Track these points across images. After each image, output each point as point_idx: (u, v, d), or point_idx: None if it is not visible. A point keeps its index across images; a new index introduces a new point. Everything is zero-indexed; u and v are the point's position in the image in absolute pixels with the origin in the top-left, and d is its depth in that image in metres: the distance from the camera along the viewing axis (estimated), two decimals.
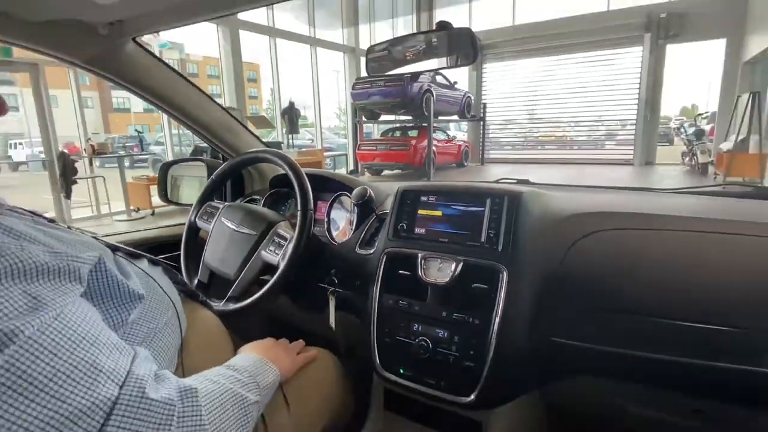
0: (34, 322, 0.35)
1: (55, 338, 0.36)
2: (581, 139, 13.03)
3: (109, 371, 0.39)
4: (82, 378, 0.37)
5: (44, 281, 0.39)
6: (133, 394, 0.40)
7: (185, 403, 0.45)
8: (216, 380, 0.55)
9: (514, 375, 0.79)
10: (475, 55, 0.97)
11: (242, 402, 0.55)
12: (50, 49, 1.01)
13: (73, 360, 0.37)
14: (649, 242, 0.80)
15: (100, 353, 0.40)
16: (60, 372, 0.35)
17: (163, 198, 1.52)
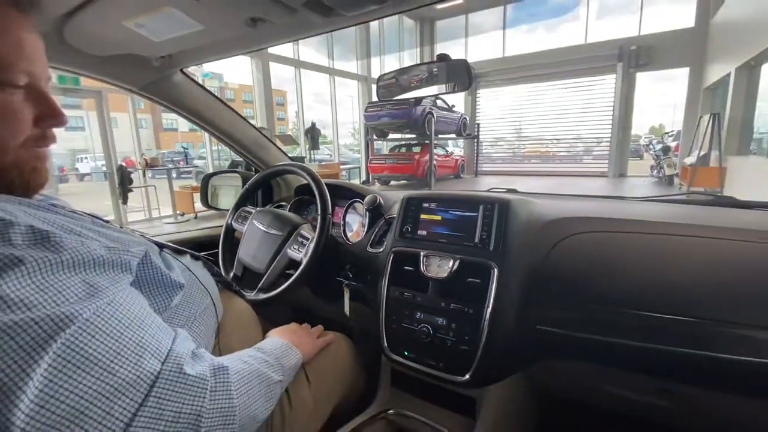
0: (91, 306, 0.35)
1: (108, 321, 0.36)
2: (562, 154, 12.91)
3: (152, 349, 0.39)
4: (129, 355, 0.37)
5: (100, 272, 0.39)
6: (173, 370, 0.40)
7: (217, 379, 0.44)
8: (246, 360, 0.54)
9: (503, 357, 0.78)
10: (470, 82, 0.97)
11: (267, 381, 0.54)
12: (112, 78, 1.03)
13: (122, 339, 0.37)
14: (621, 243, 0.79)
15: (145, 334, 0.39)
16: (111, 349, 0.35)
17: (205, 204, 1.54)
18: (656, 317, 0.66)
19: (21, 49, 0.41)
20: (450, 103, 11.25)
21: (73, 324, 0.33)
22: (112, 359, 0.35)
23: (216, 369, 0.45)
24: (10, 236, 0.33)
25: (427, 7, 0.71)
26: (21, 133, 0.42)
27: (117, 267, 0.41)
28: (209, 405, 0.41)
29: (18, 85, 0.41)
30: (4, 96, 0.40)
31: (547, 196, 1.17)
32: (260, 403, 0.50)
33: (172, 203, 6.39)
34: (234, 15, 0.73)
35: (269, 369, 0.56)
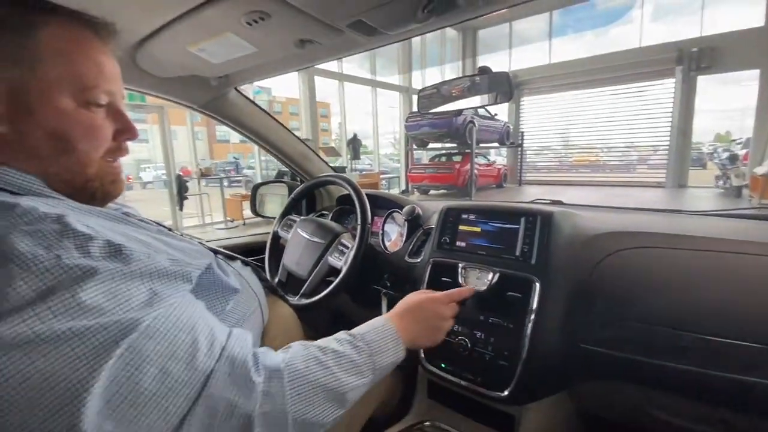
0: (153, 313, 0.38)
1: (165, 325, 0.38)
2: (614, 163, 12.17)
3: (205, 350, 0.40)
4: (183, 356, 0.38)
5: (163, 281, 0.41)
6: (224, 370, 0.40)
7: (271, 383, 0.43)
8: (319, 360, 0.48)
9: (544, 375, 0.76)
10: (511, 94, 0.96)
11: (338, 388, 0.48)
12: (176, 97, 1.13)
13: (177, 342, 0.38)
14: (675, 261, 0.73)
15: (199, 335, 0.40)
16: (166, 351, 0.37)
17: (253, 212, 1.62)
18: (715, 341, 0.61)
19: (102, 72, 0.46)
20: (493, 112, 11.06)
21: (136, 329, 0.35)
22: (166, 361, 0.36)
23: (271, 372, 0.43)
24: (89, 249, 0.36)
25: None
26: (102, 146, 0.48)
27: (179, 278, 0.44)
28: (259, 409, 0.40)
29: (100, 104, 0.46)
30: (89, 114, 0.45)
31: (594, 208, 1.12)
32: (323, 410, 0.46)
33: (223, 210, 6.76)
34: (284, 38, 0.78)
35: (345, 372, 0.50)
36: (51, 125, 0.43)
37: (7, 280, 0.31)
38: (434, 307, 0.67)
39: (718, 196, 8.61)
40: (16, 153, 0.42)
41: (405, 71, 12.02)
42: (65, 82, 0.43)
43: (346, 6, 0.67)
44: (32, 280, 0.32)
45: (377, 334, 0.57)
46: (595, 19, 16.75)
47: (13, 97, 0.41)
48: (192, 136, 7.53)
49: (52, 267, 0.33)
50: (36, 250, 0.33)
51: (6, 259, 0.32)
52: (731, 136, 12.87)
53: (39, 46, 0.42)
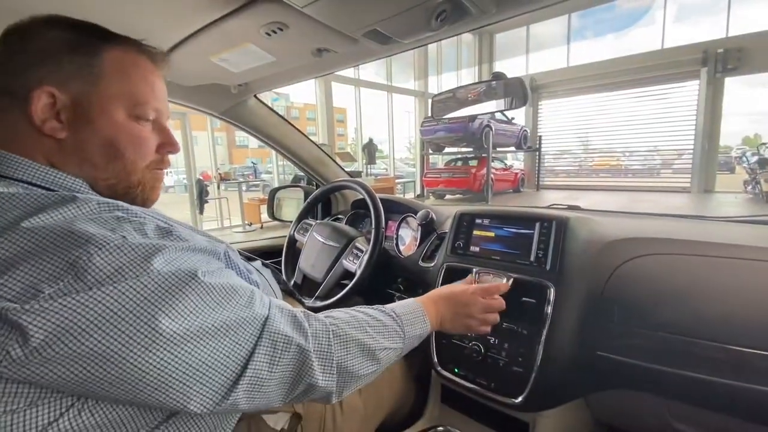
0: (210, 274, 0.43)
1: (224, 282, 0.44)
2: (636, 167, 11.82)
3: (259, 301, 0.46)
4: (244, 302, 0.44)
5: (207, 255, 0.47)
6: (277, 316, 0.47)
7: (318, 329, 0.50)
8: (359, 320, 0.56)
9: (560, 382, 0.75)
10: (526, 99, 0.96)
11: (372, 346, 0.55)
12: (198, 105, 1.17)
13: (238, 292, 0.44)
14: (697, 268, 0.72)
15: (254, 293, 0.47)
16: (229, 299, 0.43)
17: (270, 215, 1.65)
18: (737, 350, 0.60)
19: (153, 92, 0.52)
20: (510, 116, 10.95)
21: (203, 277, 0.41)
22: (232, 305, 0.43)
23: (317, 320, 0.51)
24: (146, 231, 0.42)
25: None
26: (148, 156, 0.53)
27: (214, 255, 0.50)
28: (311, 345, 0.47)
29: (148, 119, 0.52)
30: (140, 127, 0.51)
31: (613, 213, 1.11)
32: (359, 362, 0.53)
33: (241, 214, 6.89)
34: (302, 47, 0.80)
35: (378, 333, 0.56)
36: (105, 134, 0.48)
37: (88, 257, 0.36)
38: (466, 298, 0.70)
39: (746, 202, 8.27)
40: (71, 157, 0.47)
41: (421, 76, 12.05)
42: (121, 97, 0.49)
43: (361, 16, 0.68)
44: (108, 257, 0.37)
45: (406, 308, 0.64)
46: (616, 21, 16.42)
47: (75, 107, 0.46)
48: (212, 141, 7.72)
49: (121, 245, 0.38)
50: (104, 232, 0.38)
51: (82, 241, 0.36)
52: (760, 139, 12.35)
53: (102, 66, 0.47)
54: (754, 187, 8.25)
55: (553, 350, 0.73)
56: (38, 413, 0.36)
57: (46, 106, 0.44)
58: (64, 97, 0.45)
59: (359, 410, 0.73)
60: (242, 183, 7.49)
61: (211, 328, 0.40)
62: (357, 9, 0.66)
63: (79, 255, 0.35)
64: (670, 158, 11.14)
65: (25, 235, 0.35)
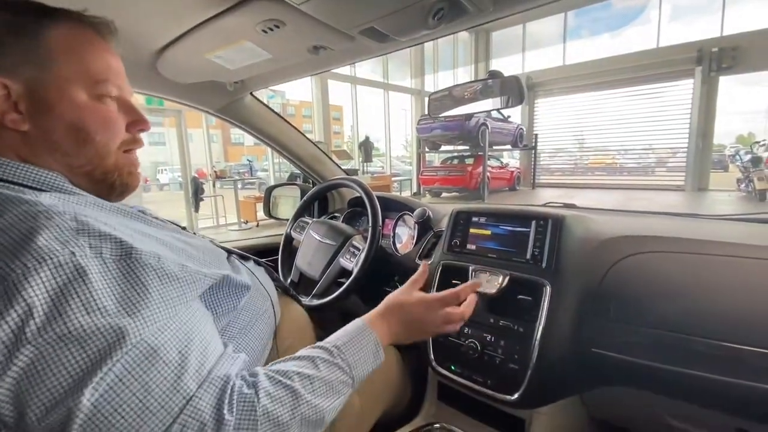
0: (149, 325, 0.38)
1: (161, 338, 0.38)
2: (631, 165, 11.90)
3: (192, 372, 0.39)
4: (169, 376, 0.37)
5: (170, 286, 0.42)
6: (204, 397, 0.39)
7: (242, 416, 0.40)
8: (296, 392, 0.44)
9: (555, 379, 0.75)
10: (522, 97, 0.96)
11: (311, 420, 0.45)
12: (194, 102, 1.16)
13: (167, 359, 0.38)
14: (691, 265, 0.72)
15: (190, 355, 0.39)
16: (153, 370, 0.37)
17: (266, 213, 1.65)
18: (732, 347, 0.60)
19: (110, 67, 0.50)
20: (506, 114, 10.97)
21: (128, 338, 0.35)
22: (152, 378, 0.36)
23: (245, 410, 0.40)
24: (101, 249, 0.38)
25: None
26: (118, 137, 0.50)
27: (186, 284, 0.44)
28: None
29: (111, 96, 0.49)
30: (104, 107, 0.48)
31: (608, 212, 1.11)
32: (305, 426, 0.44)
33: (237, 212, 6.86)
34: (298, 44, 0.80)
35: (321, 397, 0.46)
36: (69, 118, 0.45)
37: (22, 271, 0.33)
38: (420, 313, 0.63)
39: (740, 200, 8.36)
40: (40, 149, 0.45)
41: (417, 74, 12.03)
42: (78, 77, 0.46)
43: (358, 14, 0.68)
44: (44, 274, 0.34)
45: (356, 344, 0.53)
46: (611, 20, 16.53)
47: (31, 95, 0.44)
48: (207, 138, 7.67)
49: (65, 263, 0.35)
50: (52, 244, 0.35)
51: (23, 252, 0.34)
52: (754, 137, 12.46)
53: (50, 46, 0.45)
54: (747, 186, 8.33)
55: (549, 348, 0.74)
56: None
57: (0, 98, 0.42)
58: (17, 87, 0.43)
59: (355, 408, 0.73)
60: (238, 181, 7.44)
61: (119, 404, 0.34)
62: (354, 6, 0.66)
63: (14, 268, 0.33)
64: (665, 156, 11.23)
65: None
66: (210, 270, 0.51)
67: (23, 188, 0.42)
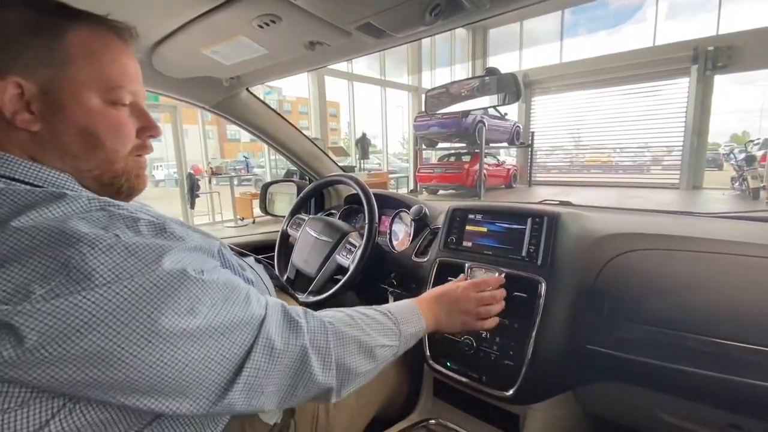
0: (207, 274, 0.43)
1: (223, 280, 0.44)
2: (626, 163, 11.99)
3: (255, 301, 0.46)
4: (241, 302, 0.44)
5: (203, 253, 0.46)
6: (274, 316, 0.47)
7: (315, 325, 0.50)
8: (354, 318, 0.56)
9: (550, 375, 0.76)
10: (519, 94, 0.96)
11: (368, 343, 0.55)
12: (189, 98, 1.15)
13: (236, 291, 0.45)
14: (685, 263, 0.73)
15: (250, 293, 0.47)
16: (228, 297, 0.43)
17: (263, 210, 1.64)
18: (724, 344, 0.61)
19: (126, 73, 0.49)
20: (503, 112, 10.98)
21: (200, 275, 0.41)
22: (229, 304, 0.43)
23: (313, 317, 0.52)
24: (139, 228, 0.40)
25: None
26: (128, 143, 0.50)
27: (210, 253, 0.49)
28: (309, 342, 0.48)
29: (125, 103, 0.49)
30: (115, 112, 0.48)
31: (603, 209, 1.12)
32: (359, 361, 0.53)
33: (233, 209, 6.83)
34: (294, 40, 0.79)
35: (374, 330, 0.57)
36: (81, 122, 0.45)
37: (80, 257, 0.35)
38: (457, 294, 0.71)
39: (734, 199, 8.43)
40: (49, 150, 0.45)
41: (414, 71, 12.01)
42: (93, 81, 0.46)
43: (354, 9, 0.68)
44: (101, 257, 0.36)
45: (401, 307, 0.65)
46: (608, 18, 16.57)
47: (45, 96, 0.43)
48: (203, 135, 7.62)
49: (114, 245, 0.37)
50: (96, 231, 0.37)
51: (73, 240, 0.35)
52: (748, 136, 12.55)
53: (68, 48, 0.44)
54: (741, 184, 8.40)
55: (544, 344, 0.74)
56: (30, 414, 0.35)
57: (13, 98, 0.42)
58: (31, 87, 0.42)
59: (352, 404, 0.74)
60: (234, 177, 7.41)
61: (209, 328, 0.40)
62: (350, 2, 0.66)
63: (71, 255, 0.35)
64: (660, 155, 11.30)
65: (14, 234, 0.34)
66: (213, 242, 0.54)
67: (34, 188, 0.42)
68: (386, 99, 11.03)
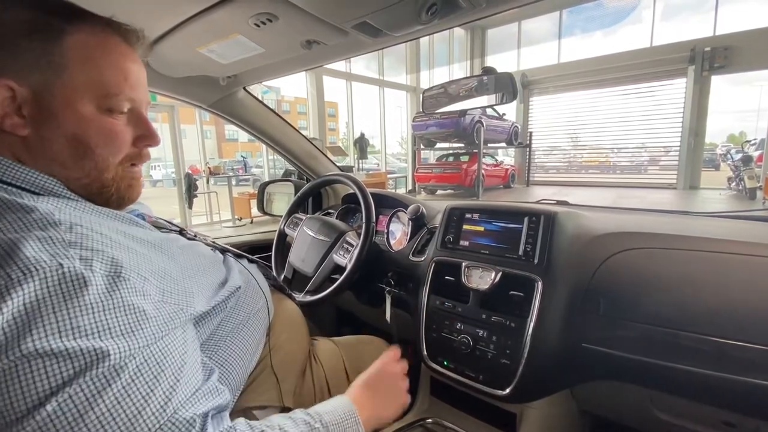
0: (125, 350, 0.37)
1: (132, 367, 0.37)
2: (624, 164, 12.02)
3: (154, 409, 0.37)
4: (131, 410, 0.36)
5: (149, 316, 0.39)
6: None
7: None
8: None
9: (546, 374, 0.76)
10: (515, 93, 0.97)
11: None
12: (186, 97, 1.15)
13: (133, 390, 0.36)
14: (680, 261, 0.73)
15: (156, 390, 0.38)
16: (120, 399, 0.35)
17: (260, 210, 1.64)
18: (719, 342, 0.61)
19: (127, 79, 0.46)
20: (501, 112, 11.00)
21: (104, 361, 0.34)
22: (117, 409, 0.35)
23: None
24: (92, 263, 0.37)
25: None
26: (121, 152, 0.47)
27: (169, 312, 0.42)
28: None
29: (122, 111, 0.47)
30: (110, 120, 0.46)
31: (600, 209, 1.12)
32: None
33: (231, 208, 6.82)
34: (291, 39, 0.79)
35: None
36: (71, 130, 0.43)
37: (5, 282, 0.32)
38: (388, 370, 0.65)
39: (730, 199, 8.46)
40: (37, 156, 0.43)
41: (413, 71, 12.01)
42: (89, 88, 0.44)
43: (351, 8, 0.68)
44: (28, 286, 0.33)
45: (338, 416, 0.51)
46: (604, 19, 16.57)
47: (37, 101, 0.42)
48: (201, 134, 7.60)
49: (50, 275, 0.34)
50: (40, 255, 0.34)
51: (10, 262, 0.33)
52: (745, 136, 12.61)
53: (65, 53, 0.42)
54: (738, 184, 8.43)
55: (540, 343, 0.74)
56: None
57: (5, 101, 0.40)
58: (24, 91, 0.41)
59: None
60: (232, 177, 7.39)
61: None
62: (347, 1, 0.66)
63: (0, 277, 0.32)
64: (657, 155, 11.34)
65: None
66: (198, 296, 0.49)
67: (21, 191, 0.41)
68: (384, 99, 11.03)
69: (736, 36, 9.30)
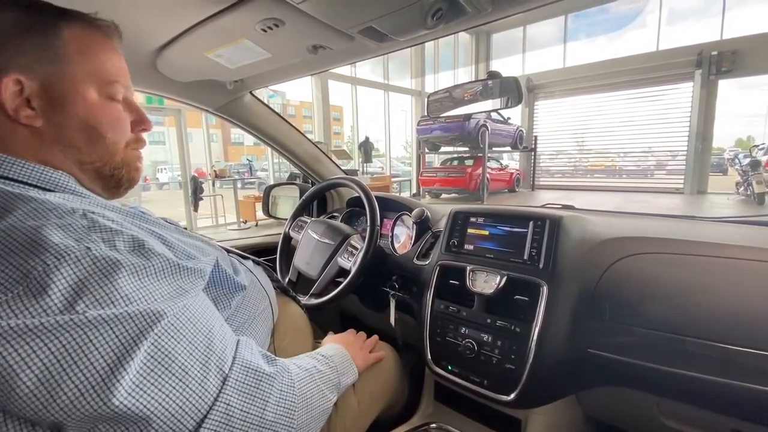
0: (174, 308, 0.41)
1: (186, 323, 0.41)
2: (630, 168, 11.92)
3: (219, 355, 0.43)
4: (200, 357, 0.41)
5: (180, 277, 0.44)
6: (236, 376, 0.44)
7: (282, 379, 0.49)
8: (310, 369, 0.57)
9: (552, 379, 0.76)
10: (521, 98, 0.96)
11: (322, 391, 0.56)
12: (193, 101, 1.16)
13: (195, 342, 0.41)
14: (687, 266, 0.73)
15: (214, 340, 0.43)
16: (186, 350, 0.40)
17: (265, 213, 1.64)
18: (726, 348, 0.60)
19: (119, 69, 0.51)
20: (506, 116, 10.98)
21: (160, 322, 0.38)
22: (187, 358, 0.39)
23: (281, 369, 0.50)
24: (115, 243, 0.39)
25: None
26: (125, 136, 0.52)
27: (193, 274, 0.46)
28: (275, 399, 0.46)
29: (119, 98, 0.51)
30: (114, 105, 0.50)
31: (606, 213, 1.11)
32: (316, 412, 0.53)
33: (236, 211, 6.85)
34: (297, 44, 0.80)
35: (327, 382, 0.59)
36: (82, 116, 0.47)
37: (43, 269, 0.34)
38: (356, 339, 0.81)
39: (738, 203, 8.36)
40: (51, 145, 0.46)
41: (417, 75, 12.04)
42: (91, 76, 0.47)
43: (357, 13, 0.68)
44: (66, 270, 0.35)
45: (336, 356, 0.67)
46: (609, 23, 16.57)
47: (45, 92, 0.45)
48: (207, 138, 7.66)
49: (82, 257, 0.36)
50: (67, 242, 0.36)
51: (41, 249, 0.34)
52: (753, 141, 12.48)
53: (65, 46, 0.46)
54: (746, 189, 8.33)
55: (545, 348, 0.74)
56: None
57: (14, 94, 0.43)
58: (31, 83, 0.44)
59: (352, 407, 0.73)
60: (237, 180, 7.43)
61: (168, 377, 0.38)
62: (353, 6, 0.66)
63: (34, 265, 0.34)
64: (664, 159, 11.25)
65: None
66: (206, 257, 0.53)
67: (29, 187, 0.43)
68: (389, 103, 11.07)
69: (744, 40, 9.23)
